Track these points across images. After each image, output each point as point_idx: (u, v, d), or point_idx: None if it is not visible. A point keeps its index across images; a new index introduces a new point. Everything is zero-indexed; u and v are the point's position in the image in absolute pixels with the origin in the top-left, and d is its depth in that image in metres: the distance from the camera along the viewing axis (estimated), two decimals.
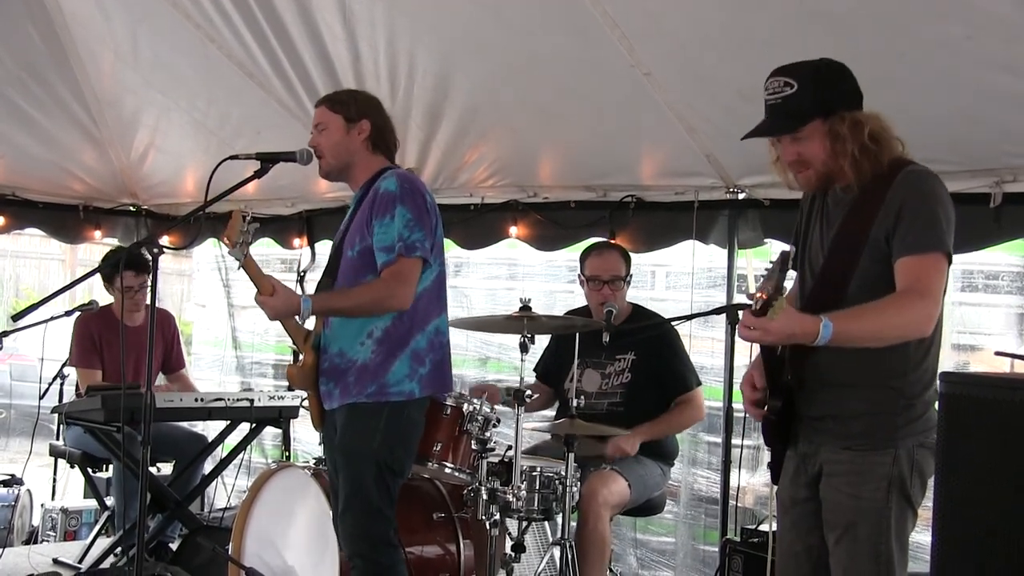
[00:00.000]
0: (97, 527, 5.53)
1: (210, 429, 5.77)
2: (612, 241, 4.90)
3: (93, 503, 5.85)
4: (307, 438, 6.47)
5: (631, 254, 4.80)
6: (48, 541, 5.86)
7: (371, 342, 3.34)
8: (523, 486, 3.70)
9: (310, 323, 3.50)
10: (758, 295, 2.37)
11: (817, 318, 2.40)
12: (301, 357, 3.47)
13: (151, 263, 3.13)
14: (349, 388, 3.37)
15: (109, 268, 5.09)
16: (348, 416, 3.37)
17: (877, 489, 2.59)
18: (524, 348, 3.72)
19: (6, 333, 4.37)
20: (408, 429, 3.39)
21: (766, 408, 2.75)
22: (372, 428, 3.32)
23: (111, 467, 5.36)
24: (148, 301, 5.22)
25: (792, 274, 2.67)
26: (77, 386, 5.55)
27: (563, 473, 3.76)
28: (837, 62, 2.65)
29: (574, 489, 3.78)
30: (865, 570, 2.60)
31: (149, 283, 5.37)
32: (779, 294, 2.33)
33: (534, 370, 4.72)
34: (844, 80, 2.64)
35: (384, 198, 3.32)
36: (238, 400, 5.01)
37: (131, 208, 6.81)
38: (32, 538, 5.92)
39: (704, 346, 5.19)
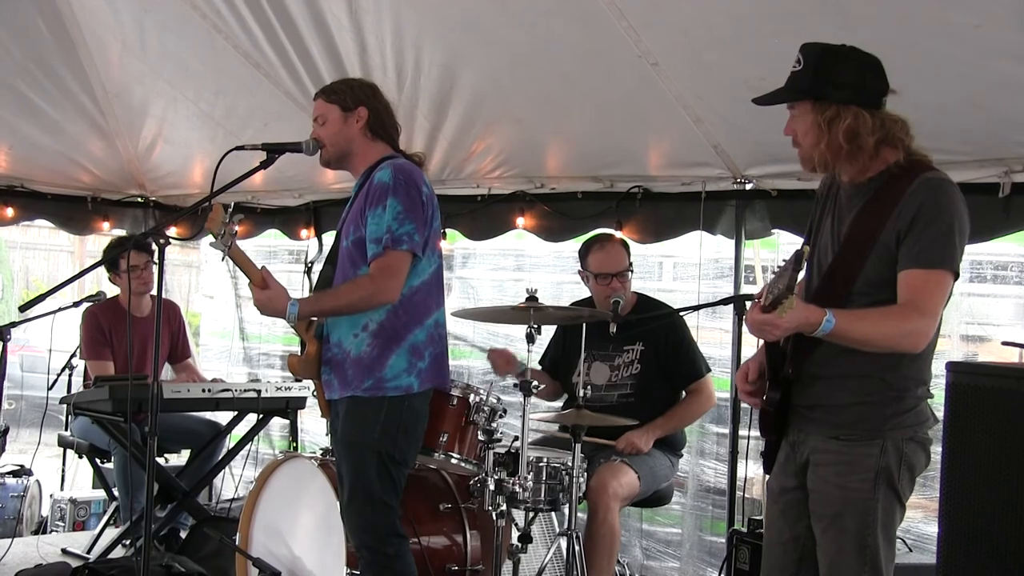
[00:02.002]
0: (105, 517, 5.55)
1: (218, 420, 5.78)
2: (610, 232, 4.88)
3: (102, 493, 5.88)
4: (315, 429, 6.49)
5: (636, 243, 4.79)
6: (57, 531, 5.88)
7: (365, 335, 3.33)
8: (530, 477, 3.70)
9: None
10: (767, 292, 2.37)
11: (822, 310, 2.42)
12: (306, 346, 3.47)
13: (154, 244, 3.15)
14: (348, 381, 3.36)
15: (113, 254, 5.10)
16: (348, 408, 3.37)
17: (864, 480, 2.58)
18: (531, 338, 3.70)
19: (14, 324, 4.38)
20: (410, 419, 3.38)
21: (764, 399, 2.76)
22: (372, 420, 3.31)
23: (114, 457, 5.38)
24: (154, 288, 5.30)
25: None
26: (85, 376, 5.57)
27: (570, 464, 3.76)
28: (853, 50, 2.60)
29: (580, 480, 3.78)
30: (850, 561, 2.60)
31: (155, 264, 5.44)
32: (790, 292, 2.31)
33: (539, 362, 4.70)
34: (852, 72, 2.58)
35: (377, 189, 3.30)
36: (245, 391, 5.01)
37: (139, 199, 6.83)
38: (41, 528, 5.95)
39: (712, 337, 5.18)
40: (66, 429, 5.73)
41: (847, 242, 2.65)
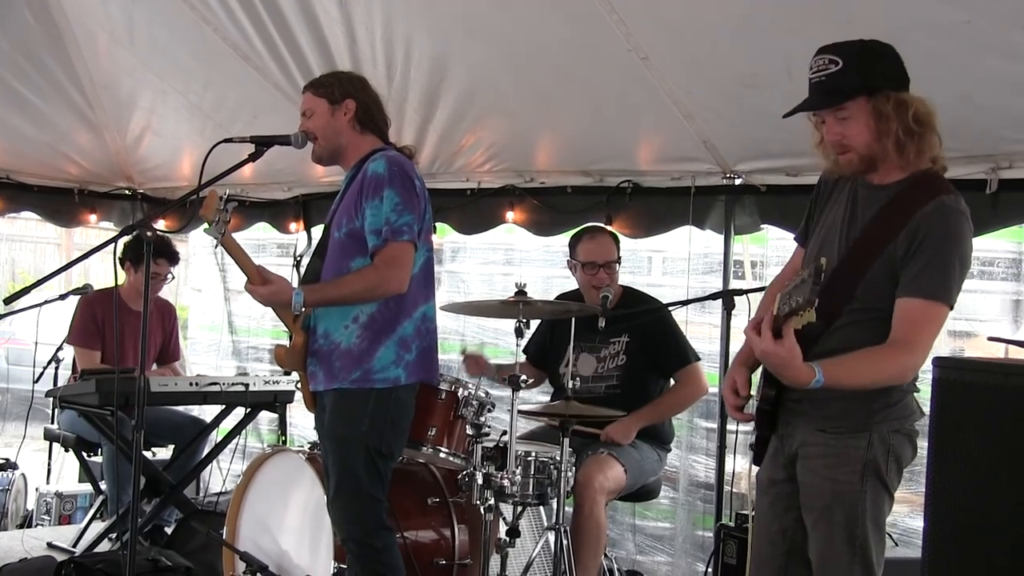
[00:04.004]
0: (92, 511, 5.52)
1: (206, 414, 5.76)
2: (600, 224, 4.88)
3: (88, 487, 5.85)
4: (303, 422, 6.47)
5: (626, 238, 4.79)
6: (43, 525, 5.85)
7: (356, 327, 3.33)
8: (518, 471, 3.70)
9: None
10: (782, 302, 2.39)
11: (812, 370, 2.45)
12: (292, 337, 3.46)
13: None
14: (335, 373, 3.36)
15: (143, 252, 5.02)
16: (335, 401, 3.37)
17: (852, 472, 2.60)
18: (519, 333, 3.70)
19: (0, 316, 4.35)
20: (397, 412, 3.38)
21: (760, 398, 2.76)
22: (360, 413, 3.31)
23: (102, 451, 5.35)
24: (161, 293, 5.30)
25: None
26: (73, 369, 5.55)
27: (558, 458, 3.76)
28: (884, 43, 2.62)
29: (569, 474, 3.78)
30: (841, 552, 2.62)
31: (171, 275, 5.45)
32: (809, 306, 2.33)
33: (524, 351, 4.69)
34: (890, 60, 2.60)
35: (373, 180, 3.30)
36: (233, 385, 5.00)
37: (127, 192, 6.81)
38: (27, 522, 5.91)
39: (700, 332, 5.18)
40: (52, 422, 5.71)
41: (857, 246, 2.65)
